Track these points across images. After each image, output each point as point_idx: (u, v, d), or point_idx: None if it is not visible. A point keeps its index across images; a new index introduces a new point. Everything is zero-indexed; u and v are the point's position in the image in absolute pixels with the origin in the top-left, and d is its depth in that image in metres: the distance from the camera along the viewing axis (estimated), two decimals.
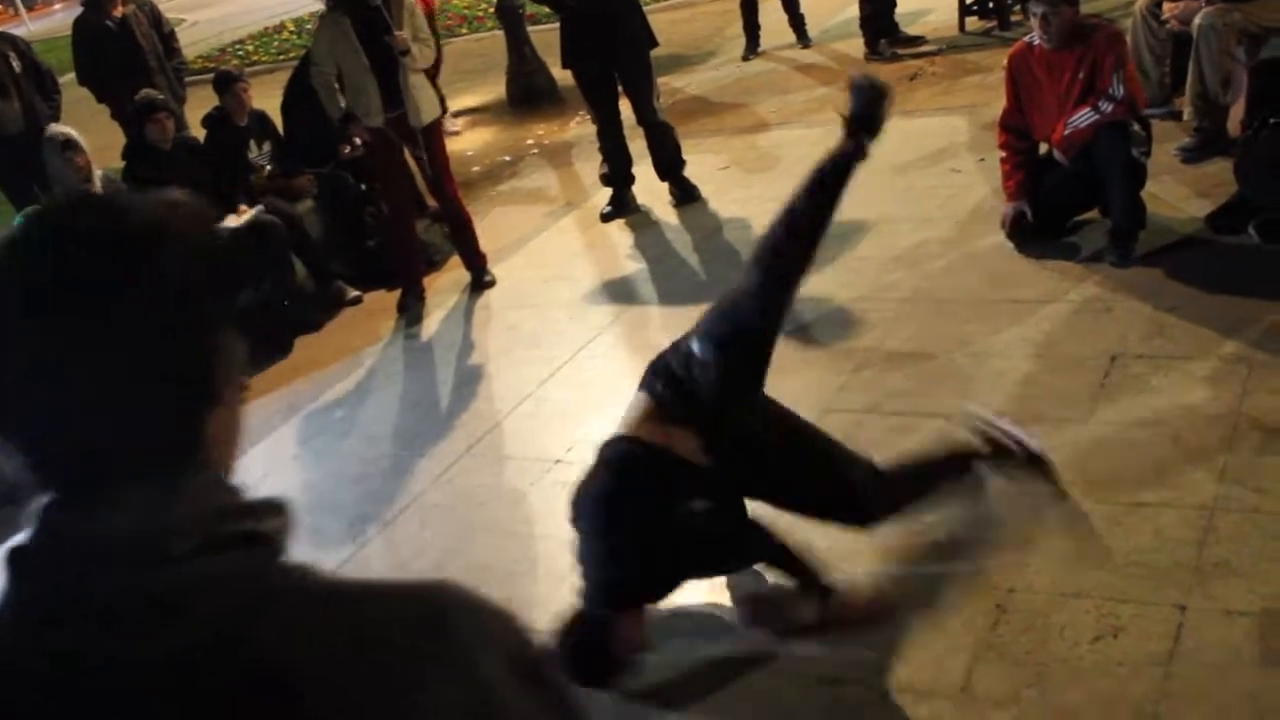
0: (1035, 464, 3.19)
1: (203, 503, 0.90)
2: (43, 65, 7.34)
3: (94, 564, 0.86)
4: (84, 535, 0.87)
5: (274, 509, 0.94)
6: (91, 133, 6.44)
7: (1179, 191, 4.96)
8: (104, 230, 0.90)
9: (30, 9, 35.44)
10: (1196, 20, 5.11)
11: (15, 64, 7.05)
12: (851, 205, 5.64)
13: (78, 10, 8.04)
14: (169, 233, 0.91)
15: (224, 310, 0.94)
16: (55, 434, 0.89)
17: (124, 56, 7.57)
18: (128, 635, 0.85)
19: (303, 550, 0.94)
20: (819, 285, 4.96)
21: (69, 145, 5.61)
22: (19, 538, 0.89)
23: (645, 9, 6.79)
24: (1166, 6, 5.35)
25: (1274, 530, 2.93)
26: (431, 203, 6.51)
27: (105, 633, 0.85)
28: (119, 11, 7.62)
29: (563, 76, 7.74)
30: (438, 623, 0.91)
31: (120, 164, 6.39)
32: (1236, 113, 5.08)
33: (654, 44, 6.41)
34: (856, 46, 8.54)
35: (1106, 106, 4.52)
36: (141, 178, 6.10)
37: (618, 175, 6.60)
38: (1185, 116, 5.36)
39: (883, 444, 3.71)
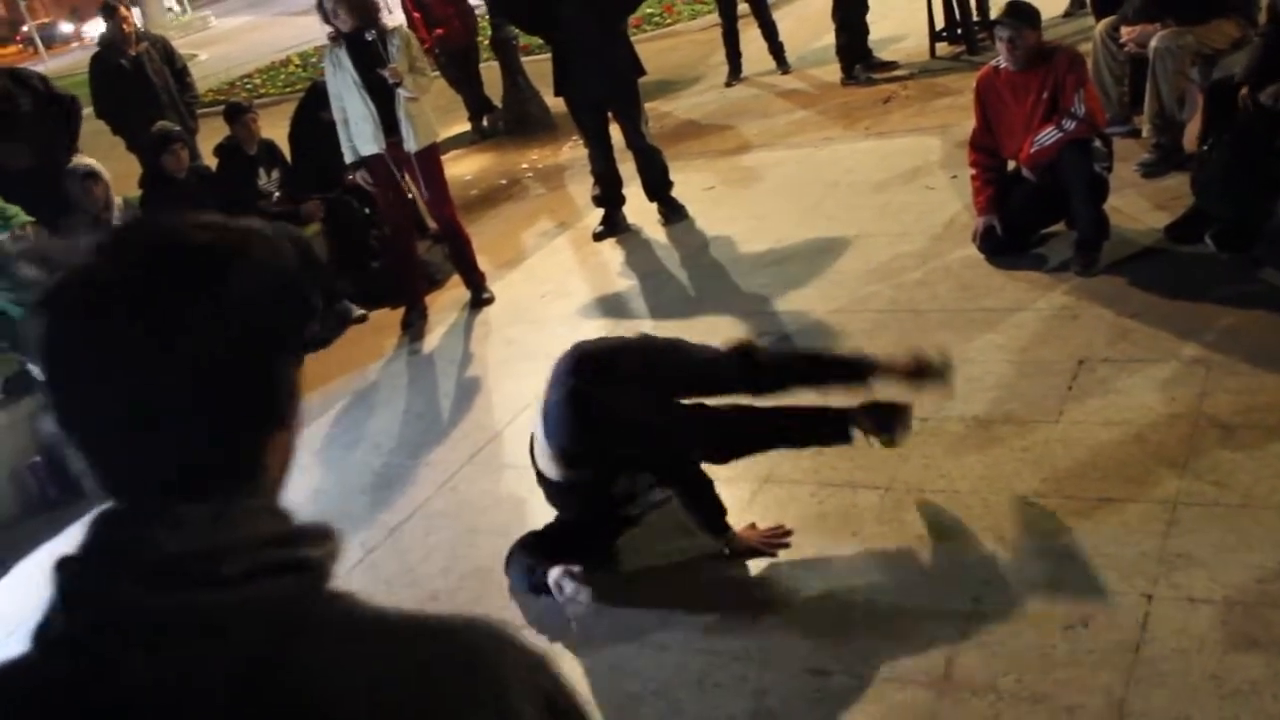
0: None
1: (256, 527, 0.86)
2: (63, 95, 7.02)
3: (144, 581, 0.82)
4: (137, 551, 0.83)
5: (323, 535, 0.90)
6: (110, 162, 6.43)
7: (1139, 204, 4.98)
8: (176, 245, 0.87)
9: (49, 47, 35.46)
10: (1152, 43, 5.15)
11: (26, 104, 6.70)
12: (831, 222, 5.77)
13: (94, 49, 8.08)
14: (241, 255, 0.88)
15: (290, 338, 0.91)
16: (115, 442, 0.86)
17: (138, 92, 7.61)
18: (171, 655, 0.81)
19: None
20: (801, 299, 4.99)
21: (89, 176, 5.66)
22: (66, 546, 0.85)
23: (633, 39, 6.82)
24: (1124, 30, 5.38)
25: (1233, 522, 2.95)
26: (432, 225, 6.53)
27: (149, 651, 0.81)
28: (133, 51, 7.66)
29: (555, 104, 7.76)
30: (471, 661, 0.88)
31: (137, 192, 6.39)
32: (1192, 129, 5.11)
33: (641, 72, 6.43)
34: (833, 72, 8.56)
35: (1069, 125, 4.54)
36: (157, 205, 6.11)
37: (609, 196, 6.61)
38: (1144, 133, 5.39)
39: (867, 447, 3.72)
